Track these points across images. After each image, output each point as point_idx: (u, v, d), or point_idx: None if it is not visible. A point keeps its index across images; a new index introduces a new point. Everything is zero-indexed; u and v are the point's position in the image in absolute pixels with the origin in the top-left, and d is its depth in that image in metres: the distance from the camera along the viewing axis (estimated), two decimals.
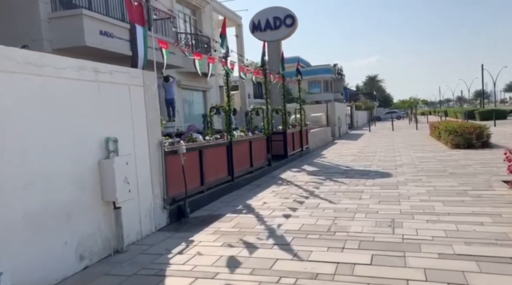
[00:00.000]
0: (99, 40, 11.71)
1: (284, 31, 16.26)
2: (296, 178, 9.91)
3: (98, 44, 11.62)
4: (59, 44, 11.33)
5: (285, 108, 12.66)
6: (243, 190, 8.48)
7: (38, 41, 11.23)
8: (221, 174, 8.09)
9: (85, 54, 12.18)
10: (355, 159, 13.18)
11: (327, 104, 23.69)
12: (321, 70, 64.24)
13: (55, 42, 11.40)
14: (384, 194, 7.41)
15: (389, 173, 9.84)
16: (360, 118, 42.51)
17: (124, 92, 5.13)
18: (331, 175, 10.03)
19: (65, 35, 11.29)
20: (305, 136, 15.57)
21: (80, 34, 11.14)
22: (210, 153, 7.56)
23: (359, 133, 28.20)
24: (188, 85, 19.13)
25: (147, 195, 5.49)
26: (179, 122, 16.82)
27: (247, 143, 9.62)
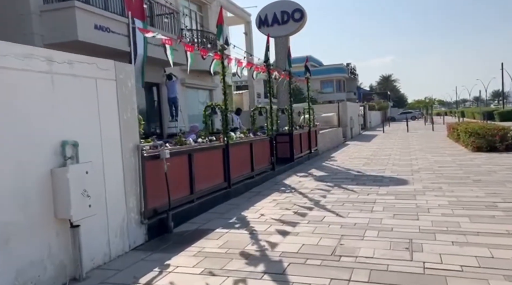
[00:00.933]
0: (94, 34, 10.98)
1: (293, 26, 15.34)
2: (301, 184, 9.01)
3: (93, 39, 10.89)
4: (51, 39, 10.65)
5: (291, 108, 11.76)
6: (241, 198, 7.61)
7: (28, 36, 10.56)
8: (216, 180, 7.25)
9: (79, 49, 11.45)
10: (367, 162, 12.21)
11: (339, 104, 22.69)
12: (333, 70, 63.11)
13: (47, 37, 10.72)
14: (399, 206, 6.46)
15: (404, 180, 8.86)
16: (374, 119, 41.28)
17: (88, 87, 4.32)
18: (340, 181, 9.10)
19: (57, 30, 10.59)
20: (313, 137, 14.63)
21: (72, 28, 10.43)
22: (202, 157, 6.72)
23: (372, 134, 27.10)
24: (193, 84, 18.36)
25: (119, 209, 4.67)
26: (182, 122, 16.08)
27: (247, 145, 8.75)
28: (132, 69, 5.24)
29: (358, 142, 20.61)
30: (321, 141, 15.79)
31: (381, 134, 26.44)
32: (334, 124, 21.79)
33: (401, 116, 56.92)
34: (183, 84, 17.49)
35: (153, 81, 15.75)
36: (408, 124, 29.91)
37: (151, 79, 15.47)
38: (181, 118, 15.94)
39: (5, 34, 10.19)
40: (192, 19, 19.56)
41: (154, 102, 16.21)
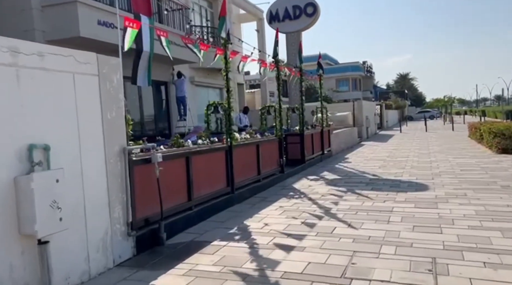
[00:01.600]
0: (97, 31, 10.53)
1: (305, 21, 14.68)
2: (311, 188, 8.38)
3: (96, 35, 10.46)
4: (53, 35, 10.26)
5: (302, 107, 11.13)
6: (245, 205, 7.04)
7: (29, 32, 10.18)
8: (218, 185, 6.70)
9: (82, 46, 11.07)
10: (383, 164, 11.49)
11: (354, 103, 21.90)
12: (349, 68, 62.09)
13: (48, 33, 10.32)
14: (419, 216, 5.80)
15: (424, 185, 8.16)
16: (391, 118, 40.19)
17: (64, 82, 3.81)
18: (354, 185, 8.44)
19: (59, 25, 10.20)
20: (326, 138, 13.96)
21: (74, 24, 10.01)
22: (201, 160, 6.17)
23: (389, 134, 26.20)
24: (203, 82, 17.86)
25: (101, 220, 4.15)
26: (191, 121, 15.60)
27: (253, 146, 8.18)
28: (118, 62, 4.72)
29: (374, 142, 19.82)
30: (334, 141, 15.11)
31: (398, 134, 25.52)
32: (349, 123, 21.03)
33: (419, 115, 55.52)
34: (192, 82, 17.02)
35: (161, 80, 15.32)
36: (427, 124, 28.86)
37: (159, 77, 15.04)
38: (190, 117, 15.47)
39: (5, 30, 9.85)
40: (202, 16, 19.06)
41: (162, 101, 15.78)
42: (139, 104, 14.20)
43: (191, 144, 5.95)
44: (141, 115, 14.25)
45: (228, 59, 7.01)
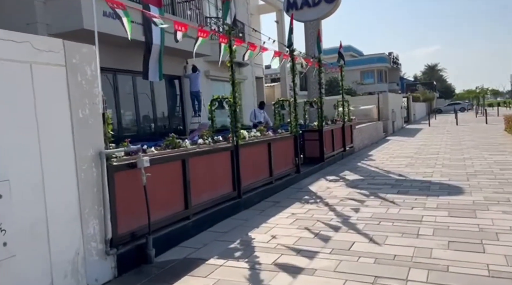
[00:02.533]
0: (103, 23, 9.93)
1: (325, 8, 13.69)
2: (329, 191, 7.55)
3: (101, 27, 9.83)
4: (56, 28, 9.77)
5: (321, 100, 10.25)
6: (253, 211, 6.29)
7: (32, 25, 9.71)
8: (222, 189, 5.97)
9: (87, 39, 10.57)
10: (411, 162, 10.49)
11: (378, 95, 20.73)
12: (375, 59, 60.22)
13: (52, 26, 9.84)
14: (455, 228, 4.90)
15: (459, 187, 7.19)
16: (418, 111, 38.48)
17: (17, 74, 3.15)
18: (378, 188, 7.56)
19: (62, 18, 9.70)
20: (348, 133, 13.02)
21: (77, 16, 9.45)
22: (201, 162, 5.46)
23: (416, 128, 24.84)
24: (218, 76, 17.16)
25: (70, 239, 3.50)
26: (206, 117, 14.96)
27: (264, 145, 7.41)
28: (92, 51, 4.05)
29: (401, 137, 18.66)
30: (357, 137, 14.13)
31: (426, 128, 24.15)
32: (374, 117, 19.92)
33: (448, 107, 53.22)
34: (207, 76, 16.38)
35: (175, 74, 14.73)
36: (457, 117, 27.27)
37: (172, 71, 14.46)
38: (205, 113, 14.82)
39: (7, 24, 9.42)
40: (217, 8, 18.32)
41: (176, 96, 15.20)
42: (151, 100, 13.66)
43: (189, 144, 5.23)
44: (154, 111, 13.71)
45: (234, 48, 6.25)
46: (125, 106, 12.35)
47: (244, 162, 6.50)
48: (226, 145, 6.12)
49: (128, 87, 12.67)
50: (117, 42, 10.84)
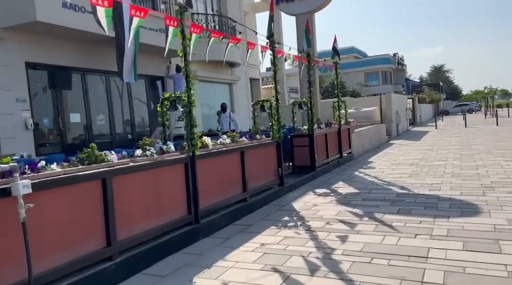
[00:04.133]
0: (62, 15, 8.73)
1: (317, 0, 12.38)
2: (316, 209, 6.22)
3: (60, 20, 8.66)
4: (8, 21, 8.57)
5: (311, 101, 8.93)
6: (213, 240, 4.98)
7: None
8: (170, 213, 4.67)
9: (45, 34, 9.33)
10: (415, 171, 9.13)
11: (381, 97, 19.36)
12: (379, 61, 58.93)
13: (2, 19, 8.65)
14: (474, 271, 3.56)
15: (473, 205, 5.84)
16: (424, 113, 36.96)
17: None
18: (375, 205, 6.22)
19: (14, 9, 8.50)
20: (345, 138, 11.68)
21: (29, 6, 8.25)
22: (137, 180, 4.18)
23: (422, 130, 23.41)
24: (208, 77, 15.89)
25: None
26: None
27: (236, 155, 6.10)
28: None
29: (405, 141, 17.26)
30: (356, 142, 12.79)
31: (433, 130, 22.71)
32: (377, 120, 18.58)
33: (455, 109, 51.60)
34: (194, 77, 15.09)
35: (157, 75, 13.50)
36: (466, 118, 25.77)
37: (154, 72, 13.23)
38: None
39: None
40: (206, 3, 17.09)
41: (158, 99, 13.92)
42: (129, 103, 12.42)
43: (115, 158, 3.95)
44: (131, 115, 12.46)
45: (186, 35, 4.98)
46: (96, 111, 11.11)
47: (204, 176, 5.22)
48: (177, 156, 4.83)
49: (100, 89, 11.43)
50: (85, 38, 9.65)
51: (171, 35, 5.51)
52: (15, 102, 8.83)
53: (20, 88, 8.94)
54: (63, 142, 9.97)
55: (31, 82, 9.31)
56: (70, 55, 9.99)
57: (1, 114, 8.60)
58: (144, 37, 10.11)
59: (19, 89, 8.92)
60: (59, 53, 9.77)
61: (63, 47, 9.78)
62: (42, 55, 9.41)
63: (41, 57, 9.40)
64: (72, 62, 10.14)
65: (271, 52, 7.23)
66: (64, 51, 9.81)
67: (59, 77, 10.07)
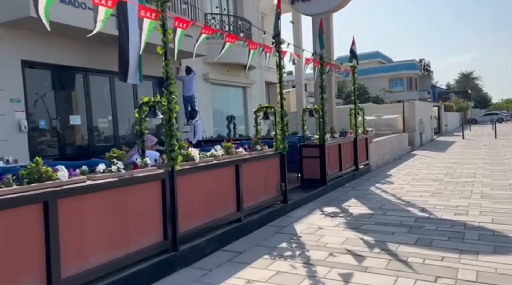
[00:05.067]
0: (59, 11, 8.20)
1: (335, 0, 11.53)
2: (320, 234, 5.39)
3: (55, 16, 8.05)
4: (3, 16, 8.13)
5: (323, 108, 8.11)
6: (192, 272, 4.22)
7: None
8: (141, 239, 3.96)
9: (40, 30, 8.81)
10: (438, 189, 8.16)
11: (404, 104, 18.27)
12: (404, 66, 57.34)
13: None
14: None
15: (509, 237, 4.89)
16: (451, 121, 35.31)
17: None
18: (389, 232, 5.34)
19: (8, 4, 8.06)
20: (362, 148, 10.77)
21: (23, 0, 7.77)
22: (93, 203, 3.48)
23: (448, 140, 22.09)
24: (220, 80, 15.27)
25: None
26: (202, 126, 13.07)
27: (229, 169, 5.34)
28: None
29: (429, 152, 16.13)
30: (374, 152, 11.84)
31: (460, 140, 21.38)
32: (399, 128, 17.50)
33: (484, 118, 49.36)
34: (206, 80, 14.51)
35: None
36: (496, 128, 24.25)
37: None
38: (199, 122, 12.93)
39: None
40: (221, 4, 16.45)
41: None
42: (134, 105, 11.85)
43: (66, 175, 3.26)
44: None
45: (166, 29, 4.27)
46: (99, 113, 10.59)
47: (187, 194, 4.49)
48: (152, 171, 4.12)
49: (104, 90, 10.92)
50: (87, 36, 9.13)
51: (178, 36, 4.99)
52: (8, 103, 8.37)
53: (14, 88, 8.47)
54: (60, 145, 9.47)
55: (28, 81, 8.83)
56: (72, 54, 9.49)
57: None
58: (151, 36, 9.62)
59: (13, 89, 8.45)
60: (60, 52, 9.28)
61: (64, 45, 9.29)
62: (40, 53, 8.93)
63: (39, 55, 8.92)
64: (74, 62, 9.64)
65: (277, 53, 6.45)
66: (65, 49, 9.32)
67: (59, 77, 9.60)
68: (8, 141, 8.28)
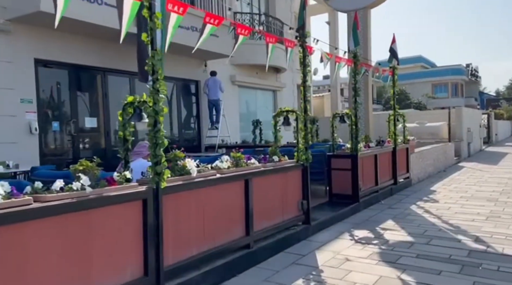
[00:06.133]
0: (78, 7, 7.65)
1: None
2: (346, 269, 4.36)
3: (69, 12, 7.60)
4: (14, 11, 7.71)
5: (356, 113, 7.05)
6: None
7: None
8: (113, 276, 3.13)
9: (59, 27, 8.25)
10: (494, 211, 6.87)
11: (450, 110, 16.68)
12: (449, 71, 54.59)
13: (9, 10, 7.78)
14: None
15: None
16: (501, 130, 32.64)
17: None
18: (434, 268, 4.23)
19: None
20: (402, 159, 9.55)
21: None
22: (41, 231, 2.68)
23: (499, 151, 20.10)
24: (248, 83, 14.47)
25: None
26: (226, 130, 12.31)
27: (236, 185, 4.44)
28: None
29: (478, 164, 14.50)
30: (417, 164, 10.56)
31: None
32: (443, 137, 15.96)
33: None
34: (233, 82, 13.76)
35: (191, 78, 12.29)
36: None
37: (188, 75, 12.06)
38: (225, 126, 12.19)
39: None
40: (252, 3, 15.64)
41: (192, 105, 12.72)
42: None
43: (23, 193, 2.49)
44: None
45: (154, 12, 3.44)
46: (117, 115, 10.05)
47: (177, 217, 3.64)
48: (131, 189, 3.29)
49: (123, 92, 10.34)
50: (106, 35, 8.58)
51: (206, 33, 4.36)
52: (19, 103, 7.92)
53: (26, 88, 8.01)
54: (74, 149, 8.94)
55: (41, 81, 8.38)
56: (89, 53, 8.97)
57: (1, 116, 7.72)
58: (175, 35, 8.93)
59: (25, 88, 8.00)
60: (76, 51, 8.77)
61: (81, 43, 8.79)
62: (56, 52, 8.44)
63: (54, 54, 8.44)
64: (91, 61, 9.11)
65: (301, 49, 5.50)
66: (82, 48, 8.81)
67: (74, 77, 9.10)
68: (17, 144, 7.82)
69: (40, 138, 8.32)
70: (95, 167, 3.17)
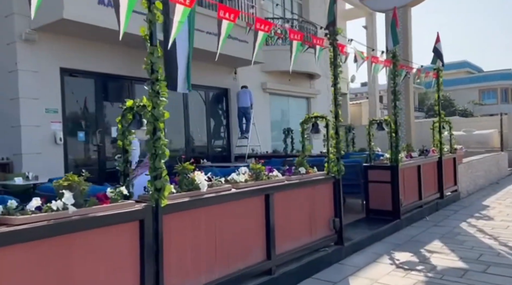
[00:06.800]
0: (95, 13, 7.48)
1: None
2: None
3: (91, 19, 7.44)
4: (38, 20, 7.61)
5: (396, 119, 6.31)
6: None
7: (9, 17, 7.76)
8: None
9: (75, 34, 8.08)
10: None
11: (501, 117, 15.32)
12: (498, 76, 51.64)
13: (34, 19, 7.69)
14: None
15: None
16: None
17: None
18: None
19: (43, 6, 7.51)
20: (449, 170, 8.61)
21: (57, 1, 7.16)
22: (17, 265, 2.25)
23: None
24: (280, 90, 13.93)
25: None
26: (257, 139, 11.80)
27: (254, 201, 3.88)
28: None
29: None
30: (465, 175, 9.54)
31: None
32: (495, 146, 14.65)
33: None
34: (264, 90, 13.28)
35: (220, 86, 11.93)
36: None
37: (217, 83, 11.71)
38: (255, 135, 11.69)
39: None
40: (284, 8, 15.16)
41: (222, 113, 12.35)
42: (184, 117, 10.96)
43: None
44: (186, 131, 10.96)
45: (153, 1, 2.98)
46: None
47: (182, 240, 3.14)
48: (126, 208, 2.82)
49: None
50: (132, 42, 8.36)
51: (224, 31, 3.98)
52: (44, 113, 7.80)
53: (51, 97, 7.89)
54: (100, 160, 8.74)
55: (66, 90, 8.25)
56: (115, 61, 8.79)
57: (25, 126, 7.62)
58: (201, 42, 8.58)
59: (50, 98, 7.88)
60: (102, 59, 8.61)
61: (108, 52, 8.62)
62: (81, 60, 8.30)
63: (80, 63, 8.30)
64: (117, 70, 8.92)
65: (331, 48, 4.91)
66: (108, 56, 8.64)
67: (101, 86, 8.94)
68: (42, 154, 7.69)
69: (65, 148, 8.16)
70: (84, 182, 2.73)
